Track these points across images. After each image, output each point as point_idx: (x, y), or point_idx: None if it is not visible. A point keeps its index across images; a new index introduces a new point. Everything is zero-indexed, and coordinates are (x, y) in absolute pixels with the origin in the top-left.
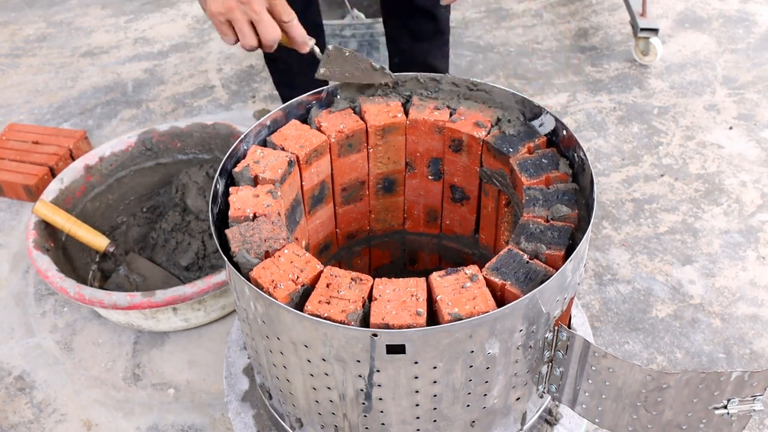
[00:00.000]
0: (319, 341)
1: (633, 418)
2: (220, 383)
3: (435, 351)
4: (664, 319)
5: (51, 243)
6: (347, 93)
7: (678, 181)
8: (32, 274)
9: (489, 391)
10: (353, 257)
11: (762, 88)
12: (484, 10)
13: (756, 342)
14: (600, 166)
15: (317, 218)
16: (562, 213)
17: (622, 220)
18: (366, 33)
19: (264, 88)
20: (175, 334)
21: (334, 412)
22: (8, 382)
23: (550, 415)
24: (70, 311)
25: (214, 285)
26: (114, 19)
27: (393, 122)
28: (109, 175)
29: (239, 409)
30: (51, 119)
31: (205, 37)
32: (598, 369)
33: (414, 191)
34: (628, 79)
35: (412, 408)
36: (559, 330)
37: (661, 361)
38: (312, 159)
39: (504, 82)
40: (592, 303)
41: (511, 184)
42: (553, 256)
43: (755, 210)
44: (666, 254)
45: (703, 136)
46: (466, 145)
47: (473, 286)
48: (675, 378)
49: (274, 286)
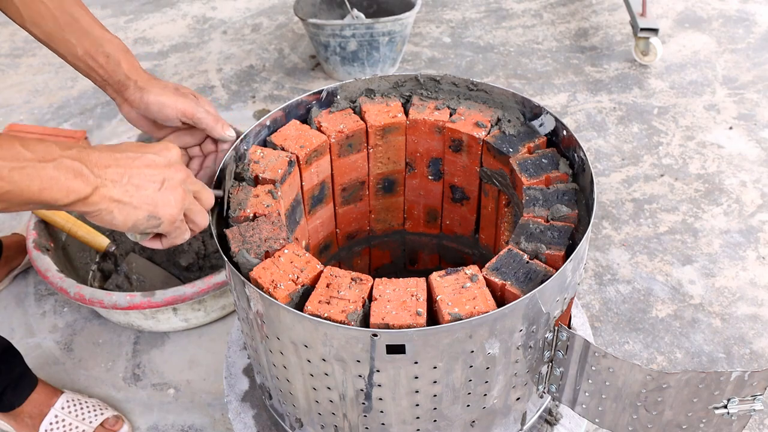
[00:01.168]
0: (319, 341)
1: (633, 418)
2: (220, 383)
3: (435, 351)
4: (664, 319)
5: (51, 243)
6: (347, 93)
7: (678, 181)
8: (32, 274)
9: (489, 391)
10: (353, 257)
11: (762, 88)
12: (484, 10)
13: (756, 342)
14: (600, 166)
15: (317, 218)
16: (562, 213)
17: (622, 220)
18: (366, 33)
19: (264, 88)
20: (175, 334)
21: (334, 412)
22: None
23: (550, 415)
24: (70, 311)
25: (214, 285)
26: (114, 19)
27: (393, 122)
28: None
29: (239, 409)
30: (51, 119)
31: (205, 37)
32: (598, 369)
33: (414, 191)
34: (628, 79)
35: (412, 408)
36: (559, 330)
37: (661, 361)
38: (312, 159)
39: (504, 82)
40: (592, 303)
41: (511, 184)
42: (553, 256)
43: (755, 210)
44: (666, 254)
45: (703, 136)
46: (466, 145)
47: (473, 286)
48: (675, 378)
49: (274, 286)
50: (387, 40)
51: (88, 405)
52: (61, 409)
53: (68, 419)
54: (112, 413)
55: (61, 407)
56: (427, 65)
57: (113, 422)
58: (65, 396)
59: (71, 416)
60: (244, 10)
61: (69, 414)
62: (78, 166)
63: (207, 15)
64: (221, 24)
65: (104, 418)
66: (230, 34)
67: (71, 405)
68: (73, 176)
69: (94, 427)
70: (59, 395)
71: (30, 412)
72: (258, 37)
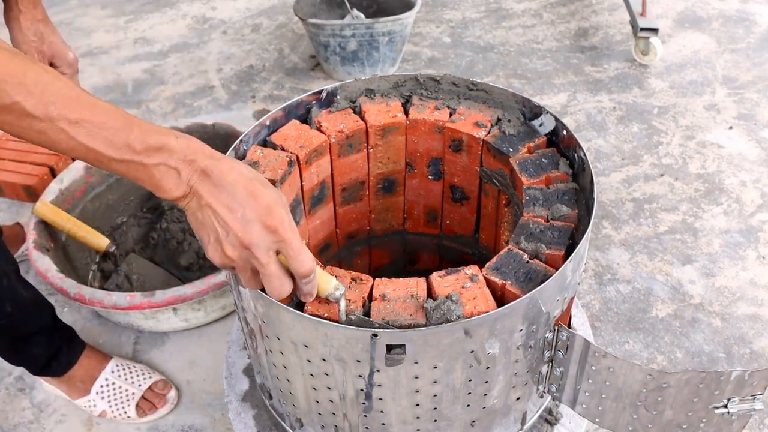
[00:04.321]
0: (319, 341)
1: (633, 417)
2: (220, 383)
3: (435, 351)
4: (664, 319)
5: (51, 243)
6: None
7: (678, 180)
8: (32, 275)
9: (489, 391)
10: (353, 257)
11: (762, 88)
12: (484, 10)
13: (756, 342)
14: (600, 165)
15: (317, 218)
16: (562, 213)
17: (622, 219)
18: (366, 33)
19: (264, 88)
20: (175, 334)
21: (335, 412)
22: (8, 382)
23: (551, 414)
24: (70, 312)
25: (213, 285)
26: (114, 19)
27: (393, 122)
28: (110, 175)
29: (239, 409)
30: None
31: (204, 37)
32: (598, 369)
33: (414, 191)
34: (628, 79)
35: (413, 408)
36: (559, 330)
37: (661, 360)
38: (312, 159)
39: (504, 82)
40: (592, 303)
41: (511, 184)
42: (553, 255)
43: (755, 210)
44: (666, 254)
45: (703, 136)
46: (466, 145)
47: (473, 286)
48: (675, 377)
49: None
50: (387, 40)
51: (137, 369)
52: (111, 373)
53: (118, 382)
54: (160, 377)
55: (111, 371)
56: (427, 65)
57: (162, 386)
58: (115, 360)
59: (121, 380)
60: (244, 10)
61: (119, 378)
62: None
63: (207, 15)
64: (221, 24)
65: (153, 381)
66: (230, 34)
67: (121, 369)
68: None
69: (143, 390)
70: (109, 360)
71: (81, 377)
72: (258, 37)
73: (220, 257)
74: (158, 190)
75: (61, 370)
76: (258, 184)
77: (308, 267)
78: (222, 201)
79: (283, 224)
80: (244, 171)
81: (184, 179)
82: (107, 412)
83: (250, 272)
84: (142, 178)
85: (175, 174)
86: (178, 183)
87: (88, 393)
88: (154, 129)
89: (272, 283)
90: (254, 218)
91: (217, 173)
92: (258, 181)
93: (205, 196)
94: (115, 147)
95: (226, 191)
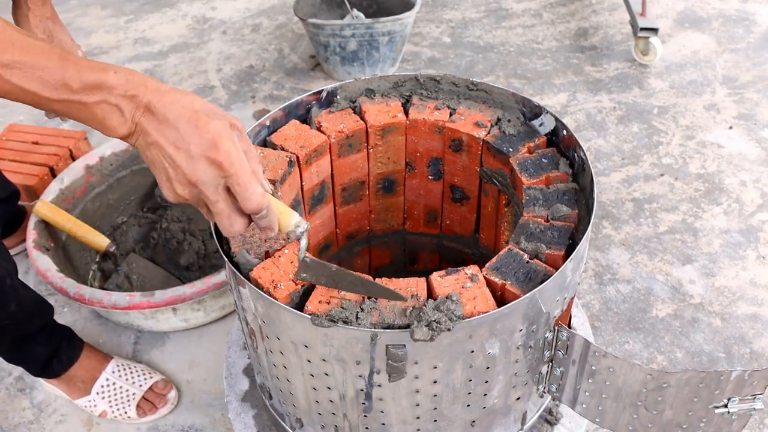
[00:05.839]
0: (319, 341)
1: (633, 417)
2: (220, 383)
3: (435, 351)
4: (664, 319)
5: (51, 243)
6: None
7: (678, 180)
8: (32, 275)
9: (489, 391)
10: (353, 257)
11: (762, 88)
12: (484, 10)
13: (756, 341)
14: (600, 165)
15: (317, 218)
16: (562, 213)
17: (622, 219)
18: (366, 33)
19: (264, 88)
20: (175, 334)
21: (335, 412)
22: (8, 382)
23: (551, 414)
24: (70, 311)
25: (213, 285)
26: (114, 19)
27: (393, 122)
28: (110, 175)
29: (239, 409)
30: (51, 119)
31: (204, 37)
32: (598, 368)
33: (414, 191)
34: (628, 79)
35: (413, 408)
36: (559, 330)
37: (661, 360)
38: (312, 159)
39: (504, 82)
40: (592, 303)
41: (511, 184)
42: (553, 255)
43: (755, 210)
44: (666, 254)
45: (703, 136)
46: (466, 145)
47: (473, 286)
48: (675, 377)
49: (274, 286)
50: (387, 40)
51: (137, 369)
52: (112, 373)
53: (119, 383)
54: (160, 377)
55: (112, 371)
56: (427, 65)
57: (162, 386)
58: (115, 361)
59: (122, 380)
60: (244, 10)
61: (119, 378)
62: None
63: (207, 15)
64: (221, 24)
65: (153, 381)
66: (230, 34)
67: (121, 369)
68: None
69: (144, 390)
70: (109, 360)
71: (82, 377)
72: (258, 37)
73: (174, 196)
74: (104, 129)
75: (62, 369)
76: (203, 115)
77: (255, 203)
78: (168, 137)
79: (229, 158)
80: (189, 103)
81: (127, 116)
82: (107, 412)
83: (206, 208)
84: (85, 118)
85: (117, 111)
86: (122, 121)
87: (88, 393)
88: (92, 65)
89: (222, 221)
90: (199, 153)
91: (161, 108)
92: (203, 113)
93: (152, 134)
94: (51, 87)
95: (170, 126)
